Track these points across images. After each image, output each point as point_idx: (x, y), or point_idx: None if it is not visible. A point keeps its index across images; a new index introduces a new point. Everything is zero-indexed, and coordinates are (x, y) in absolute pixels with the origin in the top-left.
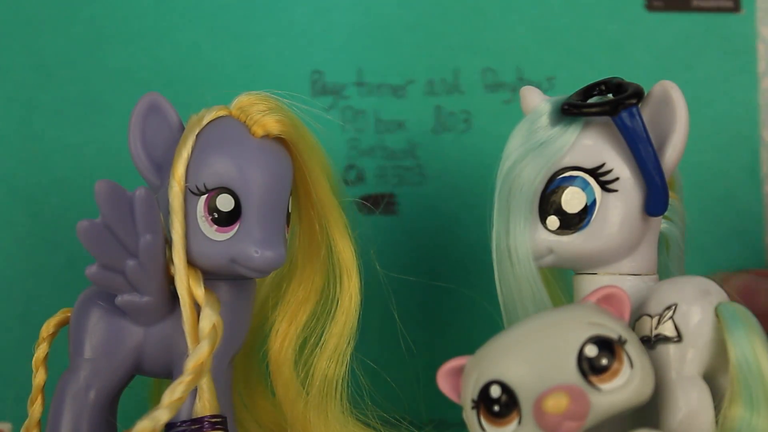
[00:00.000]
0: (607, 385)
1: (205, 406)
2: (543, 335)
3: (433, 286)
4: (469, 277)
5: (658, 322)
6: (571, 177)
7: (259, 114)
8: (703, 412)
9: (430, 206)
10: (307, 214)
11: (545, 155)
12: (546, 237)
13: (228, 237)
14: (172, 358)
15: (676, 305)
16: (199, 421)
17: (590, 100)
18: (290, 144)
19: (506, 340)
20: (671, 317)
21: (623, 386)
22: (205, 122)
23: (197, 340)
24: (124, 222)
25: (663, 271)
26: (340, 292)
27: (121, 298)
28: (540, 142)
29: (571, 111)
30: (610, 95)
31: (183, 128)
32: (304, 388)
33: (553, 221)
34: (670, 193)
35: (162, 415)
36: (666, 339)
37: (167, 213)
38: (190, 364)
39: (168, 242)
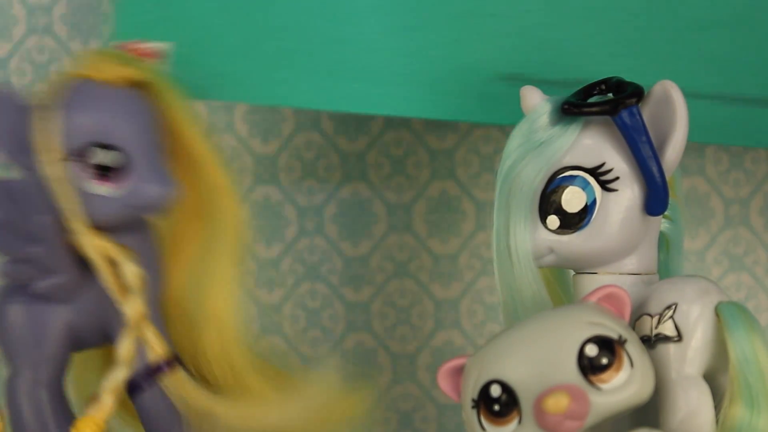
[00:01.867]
0: (607, 385)
1: (156, 352)
2: (543, 335)
3: None
4: None
5: (659, 322)
6: (571, 176)
7: (106, 65)
8: (703, 412)
9: None
10: (175, 154)
11: (545, 155)
12: (546, 236)
13: (120, 188)
14: (107, 323)
15: (676, 305)
16: (157, 368)
17: (590, 100)
18: (146, 89)
19: (507, 339)
20: (671, 317)
21: (623, 386)
22: (56, 90)
23: (125, 294)
24: (10, 211)
25: (663, 271)
26: (222, 217)
27: (39, 284)
28: (540, 141)
29: (571, 110)
30: (610, 95)
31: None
32: None
33: (553, 221)
34: (670, 193)
35: (120, 372)
36: (666, 338)
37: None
38: (130, 318)
39: (65, 216)
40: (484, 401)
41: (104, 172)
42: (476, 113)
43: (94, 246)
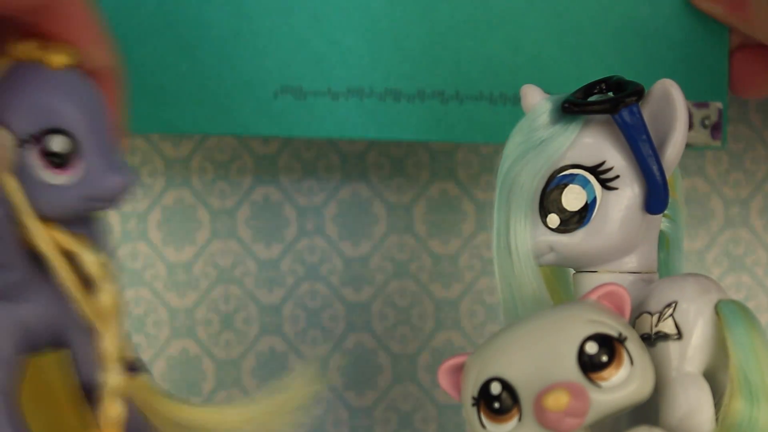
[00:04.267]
0: (607, 383)
1: (122, 354)
2: (543, 332)
3: None
4: None
5: (659, 320)
6: (571, 175)
7: (44, 49)
8: (702, 410)
9: None
10: None
11: (545, 153)
12: (546, 235)
13: (73, 177)
14: (63, 323)
15: (676, 303)
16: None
17: (590, 99)
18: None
19: (507, 337)
20: (671, 315)
21: (623, 383)
22: (2, 72)
23: (82, 289)
24: None
25: (663, 270)
26: None
27: None
28: (540, 140)
29: (571, 109)
30: (611, 93)
31: None
32: None
33: (553, 219)
34: (670, 192)
35: (114, 373)
36: (666, 336)
37: None
38: (107, 312)
39: (15, 207)
40: (484, 399)
41: (57, 160)
42: (262, 126)
43: (47, 238)
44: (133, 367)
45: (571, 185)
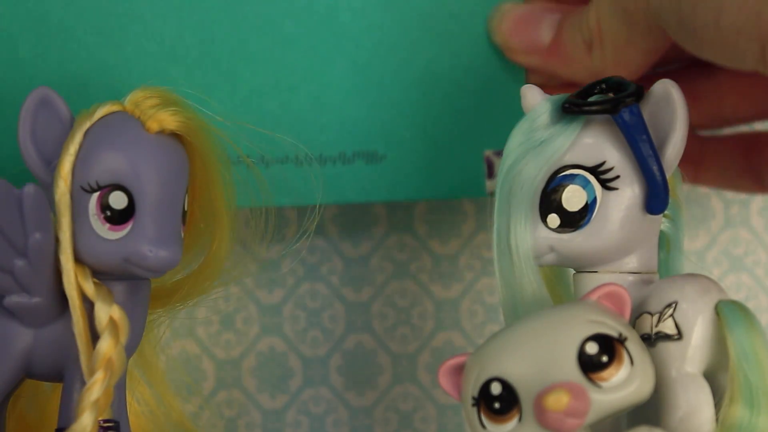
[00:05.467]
0: (607, 383)
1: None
2: (543, 332)
3: None
4: None
5: (659, 320)
6: (571, 175)
7: (153, 108)
8: (703, 410)
9: None
10: (193, 212)
11: (545, 153)
12: (547, 235)
13: (121, 235)
14: (64, 361)
15: (676, 303)
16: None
17: (591, 99)
18: (186, 139)
19: (507, 337)
20: (671, 315)
21: (624, 384)
22: (95, 118)
23: (88, 339)
24: (13, 220)
25: (663, 270)
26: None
27: (9, 299)
28: (540, 140)
29: (571, 109)
30: (611, 94)
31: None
32: None
33: (553, 219)
34: (670, 192)
35: (86, 419)
36: (666, 337)
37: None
38: (98, 361)
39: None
40: (484, 399)
41: (110, 214)
42: None
43: (71, 281)
44: (108, 424)
45: (571, 185)
